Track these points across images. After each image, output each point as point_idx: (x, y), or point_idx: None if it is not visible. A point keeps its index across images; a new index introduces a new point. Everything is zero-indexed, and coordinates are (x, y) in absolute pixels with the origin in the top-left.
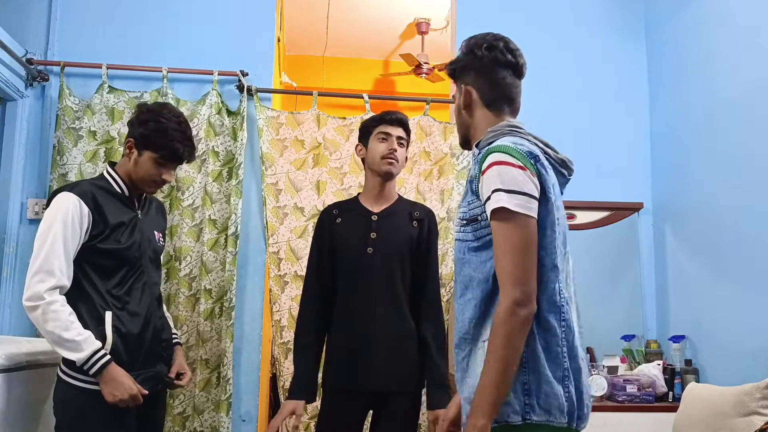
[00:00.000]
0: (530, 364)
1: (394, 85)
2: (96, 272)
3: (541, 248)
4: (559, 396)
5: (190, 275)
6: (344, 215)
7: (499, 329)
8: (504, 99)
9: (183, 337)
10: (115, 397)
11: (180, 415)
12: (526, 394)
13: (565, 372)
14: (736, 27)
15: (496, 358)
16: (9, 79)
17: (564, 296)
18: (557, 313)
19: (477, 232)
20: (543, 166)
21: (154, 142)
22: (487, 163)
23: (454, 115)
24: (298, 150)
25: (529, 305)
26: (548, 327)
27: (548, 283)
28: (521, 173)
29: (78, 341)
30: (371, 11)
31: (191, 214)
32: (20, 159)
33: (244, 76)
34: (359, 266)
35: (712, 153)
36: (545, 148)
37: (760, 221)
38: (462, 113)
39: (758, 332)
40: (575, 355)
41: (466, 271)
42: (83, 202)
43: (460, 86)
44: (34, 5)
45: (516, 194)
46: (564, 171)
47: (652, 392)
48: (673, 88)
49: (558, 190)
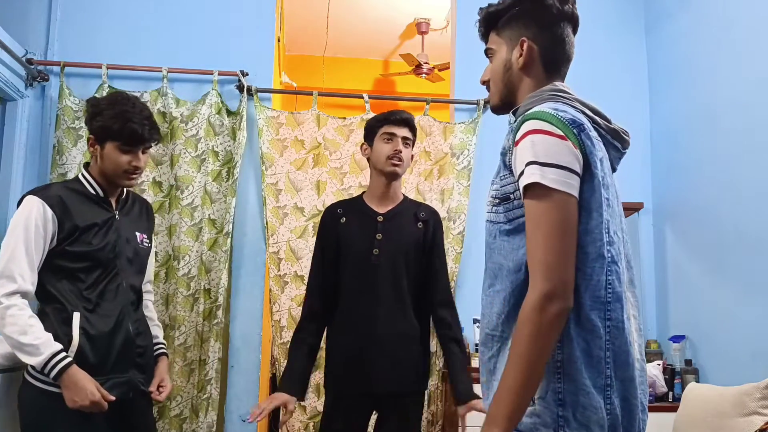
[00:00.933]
0: (566, 370)
1: (394, 85)
2: (66, 274)
3: (585, 233)
4: (599, 409)
5: (189, 275)
6: (349, 215)
7: (524, 327)
8: (565, 60)
9: (181, 337)
10: (75, 402)
11: (177, 417)
12: (560, 404)
13: (607, 380)
14: (736, 27)
15: (517, 361)
16: (9, 79)
17: (613, 291)
18: (602, 310)
19: (509, 213)
20: (588, 137)
21: (112, 129)
22: (521, 132)
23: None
24: (298, 150)
25: (562, 300)
26: (590, 327)
27: (592, 275)
28: (561, 143)
29: (36, 345)
30: (371, 11)
31: (190, 213)
32: (20, 159)
33: (244, 76)
34: (365, 268)
35: (712, 153)
36: (594, 116)
37: (761, 221)
38: (512, 72)
39: (758, 332)
40: (625, 361)
41: (495, 258)
42: (47, 206)
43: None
44: (34, 5)
45: (553, 168)
46: (617, 143)
47: (652, 392)
48: (673, 88)
49: (608, 165)
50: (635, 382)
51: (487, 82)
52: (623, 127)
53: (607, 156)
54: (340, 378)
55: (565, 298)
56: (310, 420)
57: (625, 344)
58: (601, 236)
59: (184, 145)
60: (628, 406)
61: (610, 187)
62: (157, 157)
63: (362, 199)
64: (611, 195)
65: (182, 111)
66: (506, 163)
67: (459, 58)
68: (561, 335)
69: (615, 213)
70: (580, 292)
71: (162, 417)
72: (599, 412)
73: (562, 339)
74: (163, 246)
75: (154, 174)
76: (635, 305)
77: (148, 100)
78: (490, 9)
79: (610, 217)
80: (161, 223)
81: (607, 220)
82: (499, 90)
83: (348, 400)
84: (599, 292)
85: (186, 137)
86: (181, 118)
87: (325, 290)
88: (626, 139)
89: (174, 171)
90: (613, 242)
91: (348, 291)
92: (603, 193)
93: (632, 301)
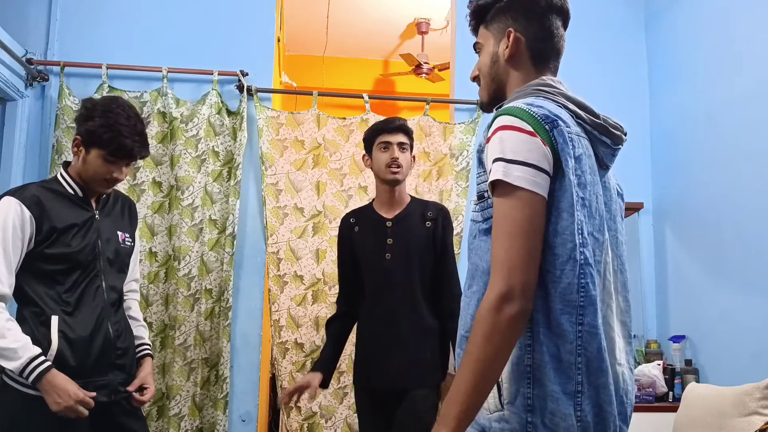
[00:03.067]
0: (535, 375)
1: (394, 85)
2: (44, 277)
3: (554, 234)
4: (568, 416)
5: (189, 275)
6: (361, 223)
7: (479, 327)
8: (554, 53)
9: (181, 337)
10: (59, 404)
11: (176, 416)
12: (529, 410)
13: (578, 386)
14: (736, 27)
15: (469, 362)
16: (9, 79)
17: (586, 294)
18: (573, 314)
19: (485, 212)
20: (562, 134)
21: (101, 138)
22: (492, 128)
23: (478, 69)
24: (298, 150)
25: (520, 301)
26: (560, 332)
27: (561, 278)
28: (530, 140)
29: (14, 348)
30: (371, 11)
31: (191, 213)
32: (20, 159)
33: (244, 76)
34: (380, 271)
35: (712, 153)
36: (579, 111)
37: (761, 221)
38: (499, 65)
39: (758, 332)
40: (598, 367)
41: (473, 258)
42: (25, 207)
43: (503, 31)
44: (34, 5)
45: (519, 165)
46: (606, 139)
47: (652, 392)
48: (673, 88)
49: (590, 163)
50: (610, 389)
51: (477, 78)
52: (617, 123)
53: (591, 153)
54: (361, 377)
55: (523, 299)
56: (305, 421)
57: (599, 350)
58: (573, 238)
59: (184, 145)
60: (602, 413)
61: (588, 186)
62: (157, 157)
63: (372, 207)
64: (589, 195)
65: (182, 111)
66: (481, 160)
67: (459, 58)
68: (531, 339)
69: (593, 214)
70: (549, 295)
71: (161, 416)
72: (569, 419)
73: (532, 343)
74: (163, 246)
75: (154, 174)
76: (626, 311)
77: (148, 100)
78: (480, 2)
79: (585, 218)
80: (161, 223)
81: (580, 221)
82: (487, 84)
83: (369, 397)
84: (570, 296)
85: (186, 137)
86: (181, 118)
87: (350, 289)
88: (616, 133)
89: (174, 171)
90: (586, 244)
91: (368, 293)
92: (577, 192)
93: (622, 306)
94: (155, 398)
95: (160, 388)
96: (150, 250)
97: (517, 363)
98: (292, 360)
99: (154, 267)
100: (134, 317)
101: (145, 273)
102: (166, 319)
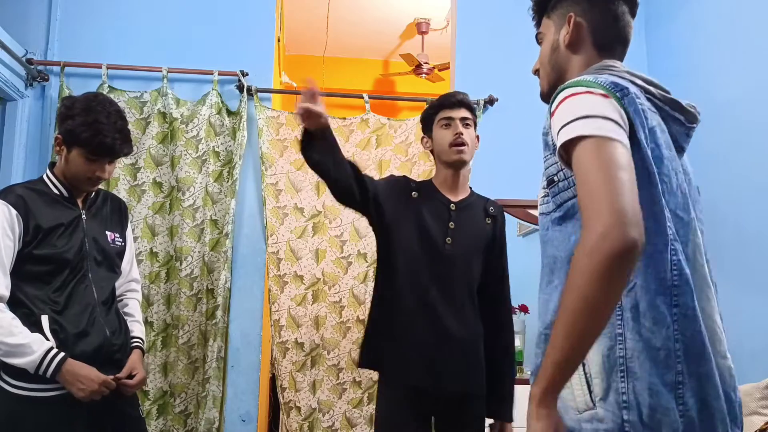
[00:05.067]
0: (629, 366)
1: (394, 85)
2: (33, 279)
3: None
4: (671, 410)
5: (191, 275)
6: (422, 192)
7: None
8: (620, 41)
9: (185, 336)
10: (84, 391)
11: (182, 413)
12: (625, 407)
13: (678, 377)
14: (736, 27)
15: (573, 300)
16: (9, 79)
17: (680, 273)
18: (668, 296)
19: (557, 197)
20: (633, 103)
21: (81, 137)
22: (556, 102)
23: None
24: (298, 150)
25: (631, 227)
26: (655, 315)
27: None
28: (603, 100)
29: (26, 344)
30: (371, 11)
31: (192, 214)
32: (20, 159)
33: (244, 76)
34: (437, 257)
35: (712, 153)
36: (647, 86)
37: (761, 221)
38: (559, 52)
39: (758, 332)
40: (700, 354)
41: (549, 251)
42: (11, 206)
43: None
44: (34, 5)
45: (596, 118)
46: (680, 116)
47: None
48: (673, 88)
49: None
50: (715, 380)
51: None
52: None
53: (663, 128)
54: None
55: (635, 225)
56: (304, 421)
57: (699, 334)
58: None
59: (185, 146)
60: (707, 409)
61: (665, 161)
62: (157, 158)
63: (433, 183)
64: (667, 170)
65: (182, 111)
66: (548, 143)
67: (459, 58)
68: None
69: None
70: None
71: (166, 413)
72: (671, 414)
73: (623, 331)
74: (164, 247)
75: (155, 175)
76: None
77: (148, 100)
78: None
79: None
80: (162, 223)
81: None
82: (547, 74)
83: (415, 397)
84: (664, 274)
85: (187, 138)
86: (181, 118)
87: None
88: (691, 111)
89: (175, 172)
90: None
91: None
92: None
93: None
94: (157, 396)
95: (162, 387)
96: (151, 251)
97: (608, 354)
98: (292, 360)
99: (155, 267)
100: (130, 314)
101: (146, 273)
102: (169, 319)
